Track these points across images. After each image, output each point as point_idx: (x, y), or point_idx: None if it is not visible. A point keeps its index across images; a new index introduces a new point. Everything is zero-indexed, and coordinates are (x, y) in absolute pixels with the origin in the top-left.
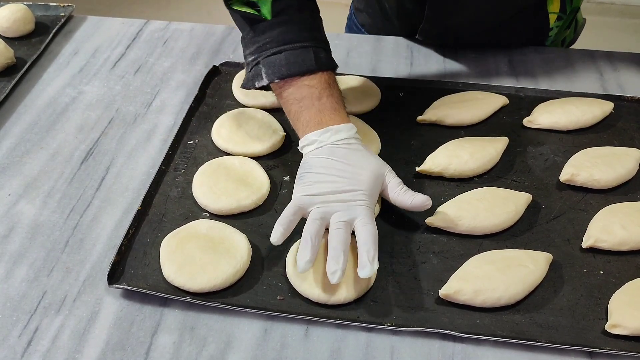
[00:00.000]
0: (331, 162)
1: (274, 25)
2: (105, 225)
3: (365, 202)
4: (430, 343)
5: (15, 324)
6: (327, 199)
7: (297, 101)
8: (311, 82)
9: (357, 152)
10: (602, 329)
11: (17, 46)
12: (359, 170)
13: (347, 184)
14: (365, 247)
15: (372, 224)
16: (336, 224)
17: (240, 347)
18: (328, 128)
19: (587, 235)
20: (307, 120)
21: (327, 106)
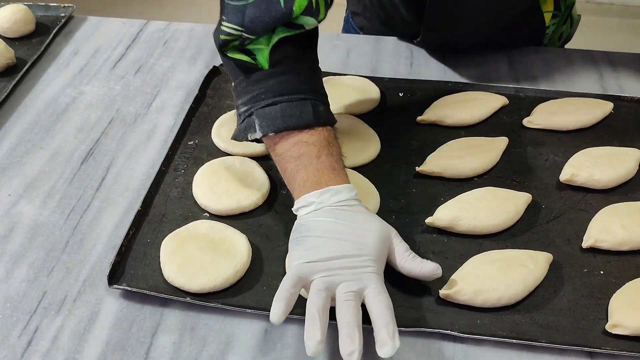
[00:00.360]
0: (333, 224)
1: (270, 75)
2: (105, 225)
3: (374, 268)
4: (430, 343)
5: (15, 324)
6: (330, 265)
7: (294, 159)
8: (310, 138)
9: (361, 214)
10: (603, 329)
11: (18, 46)
12: (364, 232)
13: (352, 249)
14: (383, 321)
15: (385, 294)
16: (345, 295)
17: (240, 347)
18: (328, 188)
19: (587, 235)
20: (304, 179)
21: (327, 165)
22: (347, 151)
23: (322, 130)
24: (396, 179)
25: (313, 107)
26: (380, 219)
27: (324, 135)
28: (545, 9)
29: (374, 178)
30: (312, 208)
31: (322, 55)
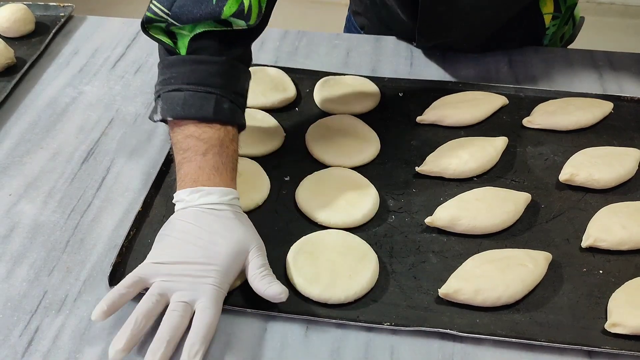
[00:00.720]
0: (191, 227)
1: (184, 61)
2: (105, 225)
3: (215, 280)
4: (430, 343)
5: (16, 324)
6: (173, 269)
7: (182, 151)
8: (202, 134)
9: (224, 220)
10: (602, 328)
11: (17, 46)
12: (219, 240)
13: (200, 255)
14: (191, 339)
15: (212, 309)
16: (174, 304)
17: (240, 347)
18: (199, 188)
19: (586, 235)
20: (184, 174)
21: (210, 164)
22: (347, 151)
23: (220, 128)
24: (396, 179)
25: (216, 103)
26: (248, 228)
27: (219, 134)
28: (545, 10)
29: (374, 178)
30: (182, 206)
31: (322, 55)
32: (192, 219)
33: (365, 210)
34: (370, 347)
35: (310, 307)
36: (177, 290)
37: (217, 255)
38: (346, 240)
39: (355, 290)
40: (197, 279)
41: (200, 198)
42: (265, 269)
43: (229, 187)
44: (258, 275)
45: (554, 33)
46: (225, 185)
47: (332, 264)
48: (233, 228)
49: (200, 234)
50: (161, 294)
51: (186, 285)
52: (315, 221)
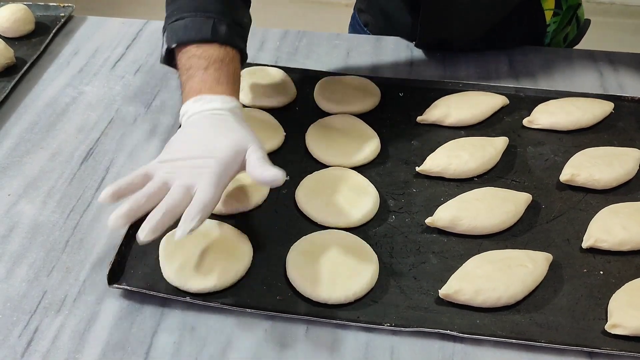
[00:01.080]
0: (194, 129)
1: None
2: (105, 225)
3: (214, 169)
4: (430, 343)
5: (16, 324)
6: (176, 164)
7: (186, 70)
8: (203, 53)
9: (225, 123)
10: (602, 329)
11: (17, 46)
12: (219, 138)
13: (201, 151)
14: (188, 211)
15: (210, 191)
16: (174, 187)
17: (240, 347)
18: (201, 97)
19: (587, 235)
20: (189, 89)
21: (212, 78)
22: (348, 151)
23: (219, 48)
24: (396, 179)
25: (214, 25)
26: (247, 130)
27: (218, 53)
28: (546, 6)
29: (374, 178)
30: (186, 116)
31: (322, 55)
32: (195, 123)
33: (365, 210)
34: (370, 348)
35: (310, 307)
36: (178, 178)
37: (216, 150)
38: (346, 241)
39: (355, 290)
40: (197, 169)
41: (202, 105)
42: (263, 160)
43: (231, 96)
44: (256, 165)
45: (555, 31)
46: (226, 94)
47: (332, 264)
48: (233, 129)
49: (202, 134)
50: (164, 183)
51: (187, 173)
52: (315, 221)
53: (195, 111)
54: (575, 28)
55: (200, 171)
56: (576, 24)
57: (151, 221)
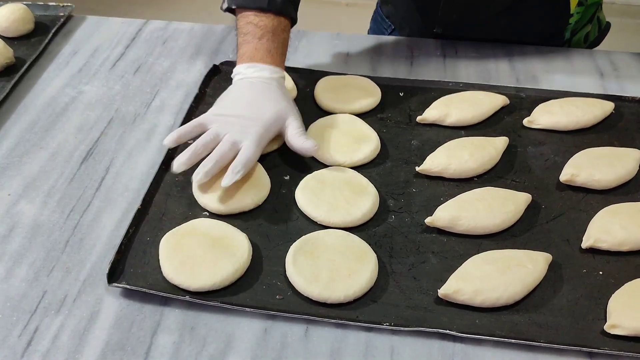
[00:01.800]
0: (245, 92)
1: None
2: (105, 225)
3: (258, 130)
4: (430, 343)
5: (16, 324)
6: (227, 120)
7: (243, 35)
8: (259, 22)
9: (272, 91)
10: (602, 330)
11: (17, 46)
12: (265, 103)
13: (249, 112)
14: (234, 163)
15: (253, 148)
16: (224, 140)
17: (240, 347)
18: (254, 64)
19: (586, 236)
20: (242, 53)
21: (264, 47)
22: (348, 151)
23: (274, 18)
24: (396, 179)
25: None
26: (290, 102)
27: (273, 24)
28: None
29: (374, 178)
30: (239, 77)
31: (322, 55)
32: (246, 87)
33: (365, 210)
34: (370, 347)
35: (310, 307)
36: (228, 133)
37: (262, 113)
38: (346, 240)
39: (355, 289)
40: (244, 127)
41: (254, 72)
42: (301, 130)
43: (279, 68)
44: (295, 134)
45: (577, 23)
46: (274, 64)
47: (331, 264)
48: (278, 98)
49: (250, 98)
50: (216, 134)
51: (236, 130)
52: (315, 221)
53: (247, 76)
54: (596, 29)
55: (247, 130)
56: (597, 24)
57: (205, 167)
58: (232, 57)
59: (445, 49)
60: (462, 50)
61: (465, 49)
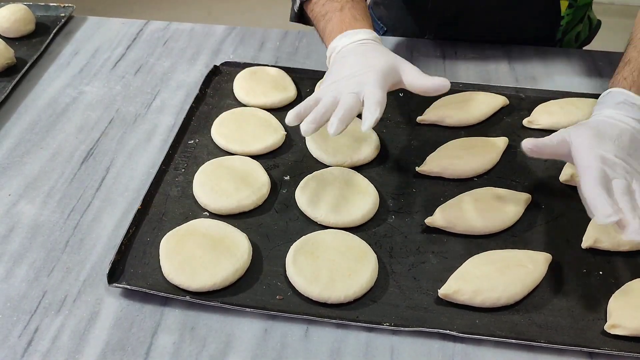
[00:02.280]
0: (347, 57)
1: None
2: (105, 225)
3: (376, 75)
4: (430, 343)
5: (16, 324)
6: (340, 84)
7: (322, 17)
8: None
9: (374, 47)
10: (602, 329)
11: (18, 46)
12: (373, 57)
13: (360, 68)
14: (367, 106)
15: (379, 91)
16: (344, 96)
17: (240, 347)
18: (345, 33)
19: (586, 236)
20: (330, 30)
21: (348, 16)
22: (347, 151)
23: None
24: (396, 179)
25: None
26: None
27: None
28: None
29: (374, 178)
30: (337, 50)
31: (321, 55)
32: (347, 54)
33: (365, 210)
34: (370, 348)
35: (310, 307)
36: (345, 89)
37: (374, 65)
38: (346, 240)
39: (355, 289)
40: (361, 78)
41: (349, 38)
42: (419, 71)
43: (368, 29)
44: (417, 76)
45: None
46: (364, 27)
47: (331, 264)
48: (383, 51)
49: (356, 58)
50: (334, 98)
51: (352, 84)
52: (315, 221)
53: (344, 44)
54: (587, 29)
55: (363, 80)
56: (588, 23)
57: (337, 116)
58: (233, 58)
59: (445, 49)
60: (461, 51)
61: (464, 49)
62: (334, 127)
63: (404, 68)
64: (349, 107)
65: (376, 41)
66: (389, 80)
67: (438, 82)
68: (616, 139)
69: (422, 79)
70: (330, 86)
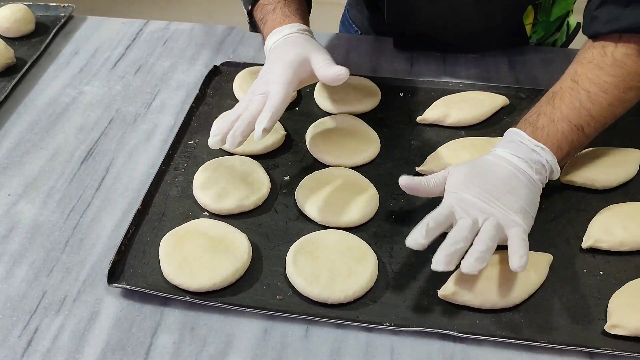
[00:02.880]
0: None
1: None
2: (105, 225)
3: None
4: (430, 343)
5: (16, 324)
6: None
7: (261, 21)
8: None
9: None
10: (602, 330)
11: (17, 46)
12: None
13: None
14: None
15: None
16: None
17: (240, 347)
18: (274, 31)
19: (587, 236)
20: (266, 31)
21: (279, 15)
22: (347, 151)
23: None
24: (396, 179)
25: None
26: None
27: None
28: (527, 22)
29: (374, 178)
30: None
31: None
32: (271, 52)
33: (365, 210)
34: (370, 348)
35: (310, 307)
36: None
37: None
38: (346, 240)
39: (354, 289)
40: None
41: (276, 35)
42: (326, 62)
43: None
44: (320, 67)
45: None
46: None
47: (331, 264)
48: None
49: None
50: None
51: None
52: (315, 221)
53: (272, 42)
54: (564, 35)
55: (269, 77)
56: (566, 30)
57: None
58: (233, 58)
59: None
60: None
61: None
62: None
63: (314, 57)
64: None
65: (300, 33)
66: (299, 73)
67: (334, 71)
68: (490, 179)
69: (324, 68)
70: (252, 89)
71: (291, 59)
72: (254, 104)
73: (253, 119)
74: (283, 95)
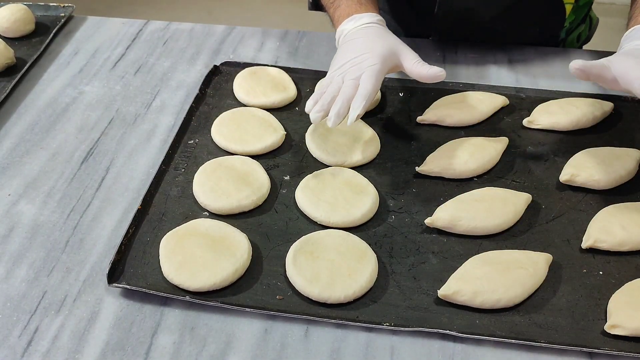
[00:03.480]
0: (352, 42)
1: None
2: (105, 225)
3: (373, 61)
4: (430, 343)
5: (16, 324)
6: (344, 67)
7: (332, 4)
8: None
9: (377, 31)
10: (602, 330)
11: (17, 46)
12: (374, 41)
13: (361, 52)
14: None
15: (372, 79)
16: (345, 82)
17: (240, 347)
18: (352, 17)
19: (586, 236)
20: (338, 15)
21: (355, 1)
22: (347, 151)
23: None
24: (396, 179)
25: None
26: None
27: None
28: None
29: (374, 178)
30: (344, 34)
31: (321, 55)
32: (351, 37)
33: (365, 210)
34: (370, 348)
35: (310, 307)
36: (349, 74)
37: (373, 49)
38: (346, 240)
39: (354, 289)
40: (360, 65)
41: (355, 22)
42: (417, 58)
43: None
44: (416, 64)
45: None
46: (369, 11)
47: (331, 264)
48: (384, 35)
49: (359, 42)
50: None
51: (355, 69)
52: (315, 221)
53: (350, 28)
54: (587, 28)
55: (362, 65)
56: (589, 23)
57: (334, 109)
58: (233, 58)
59: (445, 49)
60: (461, 51)
61: (464, 49)
62: (332, 121)
63: (404, 53)
64: (347, 98)
65: (380, 24)
66: (387, 63)
67: (434, 71)
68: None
69: (419, 66)
70: (336, 71)
71: (382, 52)
72: (348, 87)
73: (348, 103)
74: (375, 85)
